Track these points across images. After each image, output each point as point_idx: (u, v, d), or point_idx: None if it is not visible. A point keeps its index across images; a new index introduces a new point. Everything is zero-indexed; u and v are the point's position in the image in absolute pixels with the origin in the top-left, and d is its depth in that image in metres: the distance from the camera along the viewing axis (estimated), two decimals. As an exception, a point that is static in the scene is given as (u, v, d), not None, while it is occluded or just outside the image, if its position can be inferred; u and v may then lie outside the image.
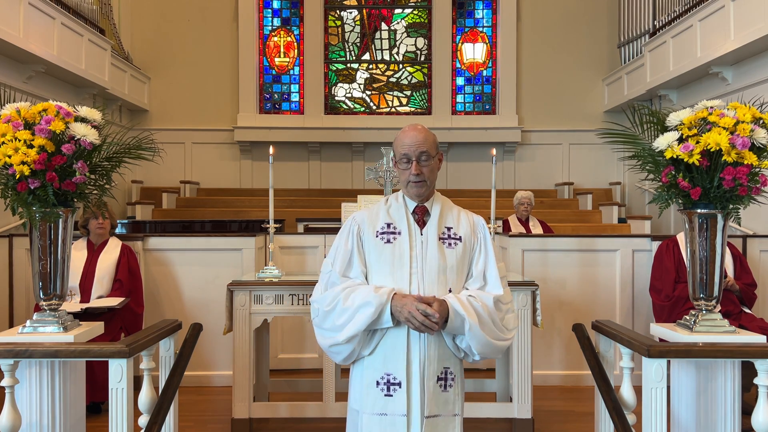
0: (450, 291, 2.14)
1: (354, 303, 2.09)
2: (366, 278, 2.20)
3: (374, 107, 10.85)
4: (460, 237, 2.22)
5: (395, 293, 2.08)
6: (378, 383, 2.12)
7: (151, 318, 4.58)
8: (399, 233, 2.19)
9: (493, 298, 2.15)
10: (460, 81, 10.79)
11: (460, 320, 2.07)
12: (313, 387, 4.25)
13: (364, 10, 10.82)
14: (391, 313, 2.06)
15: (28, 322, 2.48)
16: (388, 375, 2.11)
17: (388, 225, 2.21)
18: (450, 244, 2.20)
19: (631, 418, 2.53)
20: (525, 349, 3.78)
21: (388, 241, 2.18)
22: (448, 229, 2.22)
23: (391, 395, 2.11)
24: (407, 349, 2.10)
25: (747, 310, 4.31)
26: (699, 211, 2.46)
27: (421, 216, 2.23)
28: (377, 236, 2.20)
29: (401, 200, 2.26)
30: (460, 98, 10.79)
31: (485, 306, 2.12)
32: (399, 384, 2.10)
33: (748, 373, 2.41)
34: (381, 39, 10.86)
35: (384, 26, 10.85)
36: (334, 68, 10.82)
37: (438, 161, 2.24)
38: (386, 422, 2.10)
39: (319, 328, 2.20)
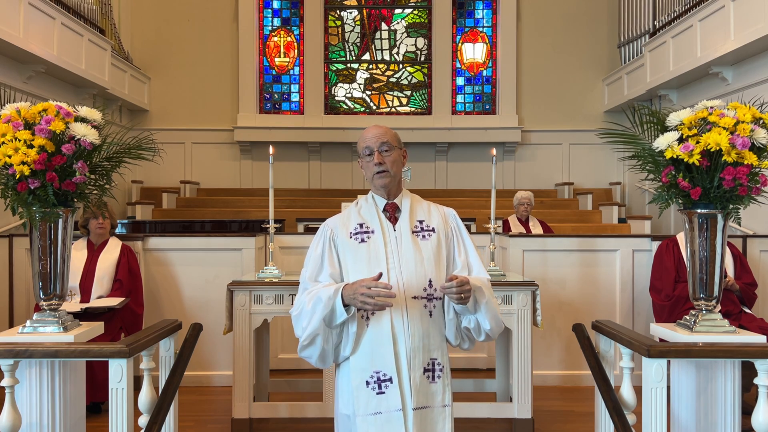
0: (430, 282, 2.14)
1: (312, 303, 2.09)
2: (342, 280, 2.18)
3: (374, 107, 10.85)
4: (433, 228, 2.24)
5: (345, 284, 2.08)
6: (368, 383, 2.10)
7: (151, 318, 4.58)
8: (372, 232, 2.21)
9: (485, 279, 2.20)
10: (460, 81, 10.79)
11: (480, 293, 2.10)
12: (313, 387, 4.25)
13: (364, 10, 10.82)
14: (346, 304, 2.04)
15: (28, 322, 2.48)
16: (377, 372, 2.09)
17: (361, 225, 2.23)
18: (424, 236, 2.22)
19: (631, 418, 2.53)
20: (525, 349, 3.77)
21: (363, 240, 2.19)
22: (420, 222, 2.25)
23: (384, 392, 2.08)
24: (393, 343, 2.09)
25: (747, 310, 4.31)
26: (699, 211, 2.46)
27: (392, 213, 2.25)
28: (351, 237, 2.20)
29: (371, 200, 2.29)
30: (460, 98, 10.79)
31: (484, 285, 2.16)
32: (390, 380, 2.08)
33: (748, 373, 2.41)
34: (381, 39, 10.85)
35: (384, 26, 10.85)
36: (334, 68, 10.81)
37: (402, 156, 2.26)
38: (382, 420, 2.07)
39: (299, 337, 2.20)
